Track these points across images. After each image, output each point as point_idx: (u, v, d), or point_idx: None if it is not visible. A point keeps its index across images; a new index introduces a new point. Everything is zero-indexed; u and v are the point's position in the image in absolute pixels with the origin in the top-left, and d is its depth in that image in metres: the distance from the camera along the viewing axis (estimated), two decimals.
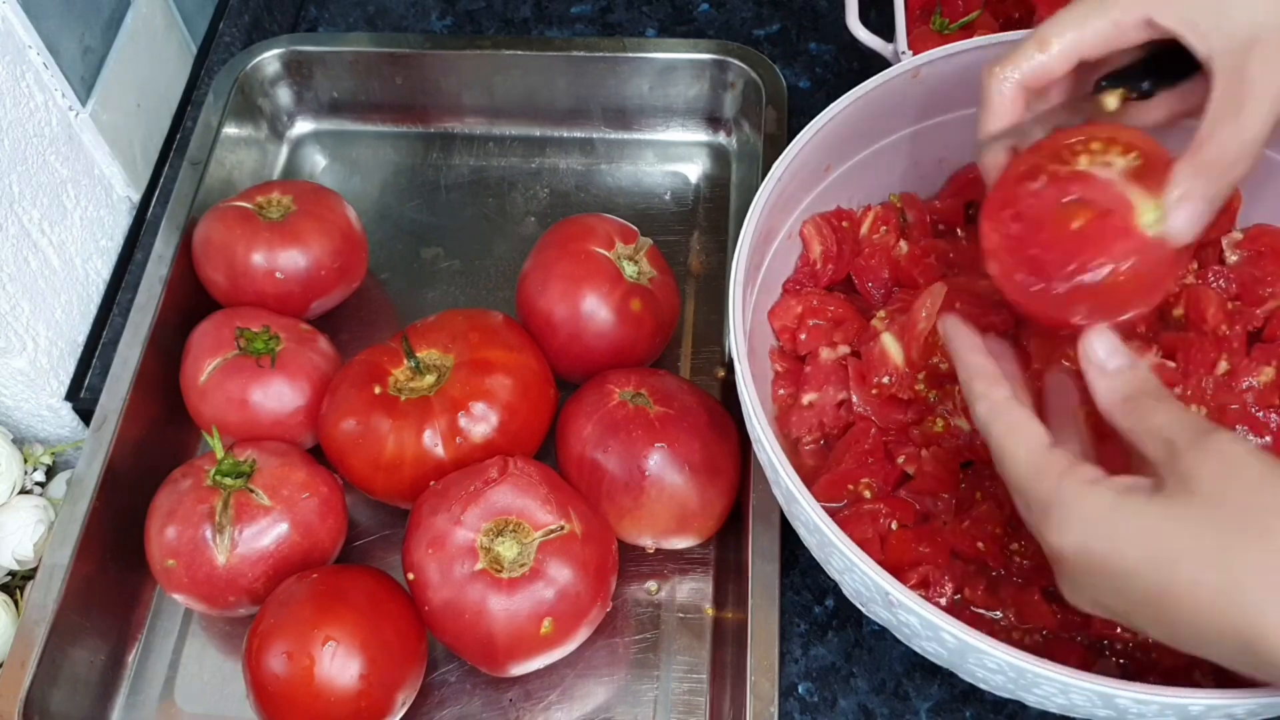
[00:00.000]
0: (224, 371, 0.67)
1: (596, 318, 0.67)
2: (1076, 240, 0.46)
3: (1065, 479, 0.43)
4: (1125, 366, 0.45)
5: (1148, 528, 0.40)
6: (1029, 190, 0.48)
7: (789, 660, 0.61)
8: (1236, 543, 0.38)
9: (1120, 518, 0.41)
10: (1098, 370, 0.46)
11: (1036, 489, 0.43)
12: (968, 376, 0.48)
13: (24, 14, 0.65)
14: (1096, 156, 0.48)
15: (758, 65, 0.80)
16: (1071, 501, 0.42)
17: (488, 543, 0.58)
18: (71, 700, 0.63)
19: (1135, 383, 0.45)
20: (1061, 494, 0.42)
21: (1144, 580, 0.40)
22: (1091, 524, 0.41)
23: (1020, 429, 0.45)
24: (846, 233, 0.65)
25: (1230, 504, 0.39)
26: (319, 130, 0.88)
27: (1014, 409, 0.46)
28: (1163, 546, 0.40)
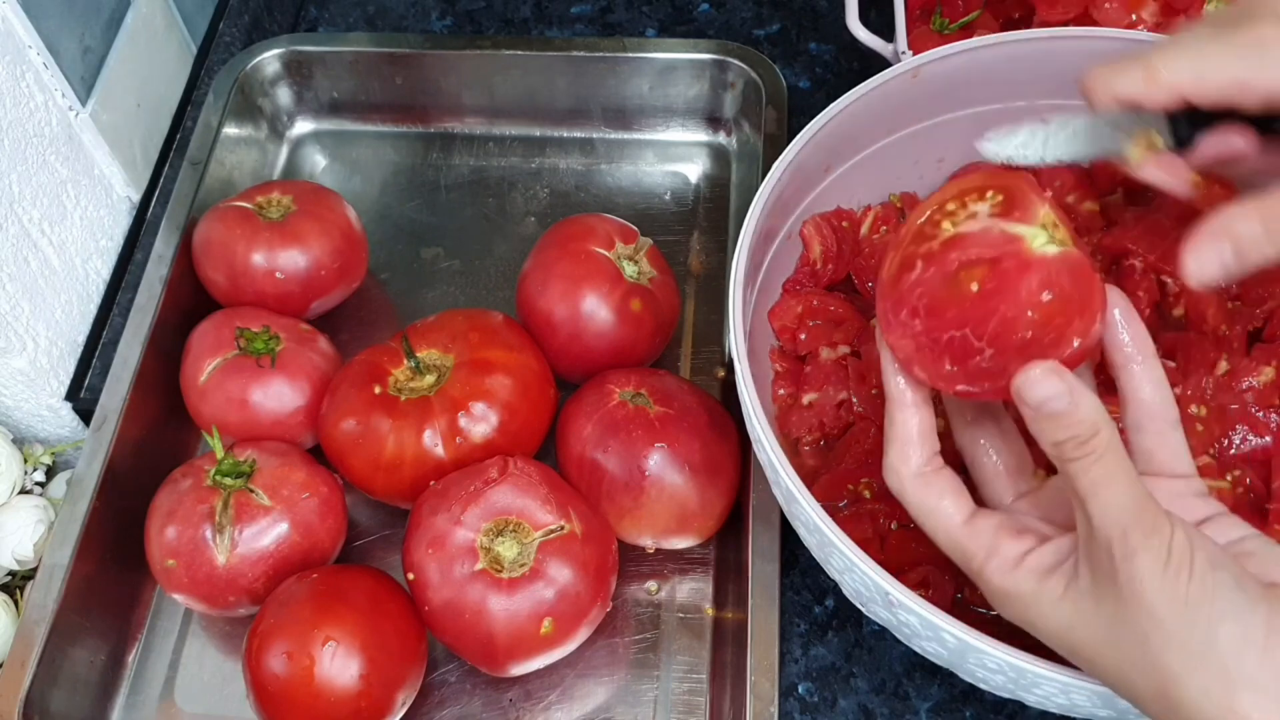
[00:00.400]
0: (224, 371, 0.67)
1: (596, 318, 0.67)
2: (983, 300, 0.42)
3: (986, 566, 0.43)
4: (1060, 411, 0.40)
5: (1062, 625, 0.41)
6: (911, 281, 0.44)
7: (789, 660, 0.61)
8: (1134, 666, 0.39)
9: (1038, 611, 0.42)
10: (1032, 413, 0.41)
11: (965, 569, 0.44)
12: (887, 435, 0.46)
13: (24, 14, 0.65)
14: (957, 216, 0.44)
15: (758, 65, 0.80)
16: (995, 590, 0.43)
17: (488, 543, 0.58)
18: (71, 700, 0.63)
19: (1069, 429, 0.40)
20: (985, 583, 0.43)
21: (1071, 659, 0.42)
22: (1016, 612, 0.43)
23: (931, 514, 0.44)
24: (846, 233, 0.65)
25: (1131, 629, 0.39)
26: (319, 130, 0.88)
27: (922, 489, 0.44)
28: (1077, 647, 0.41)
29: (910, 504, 0.45)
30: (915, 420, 0.45)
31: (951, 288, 0.43)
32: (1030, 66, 0.62)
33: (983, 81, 0.63)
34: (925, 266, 0.44)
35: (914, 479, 0.45)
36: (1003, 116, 0.66)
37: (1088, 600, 0.40)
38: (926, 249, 0.44)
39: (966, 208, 0.44)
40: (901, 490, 0.45)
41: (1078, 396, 0.40)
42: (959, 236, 0.43)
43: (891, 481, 0.45)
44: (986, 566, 0.43)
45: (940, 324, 0.43)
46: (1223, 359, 0.59)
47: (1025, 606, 0.42)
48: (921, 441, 0.45)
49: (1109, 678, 0.41)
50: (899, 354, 0.45)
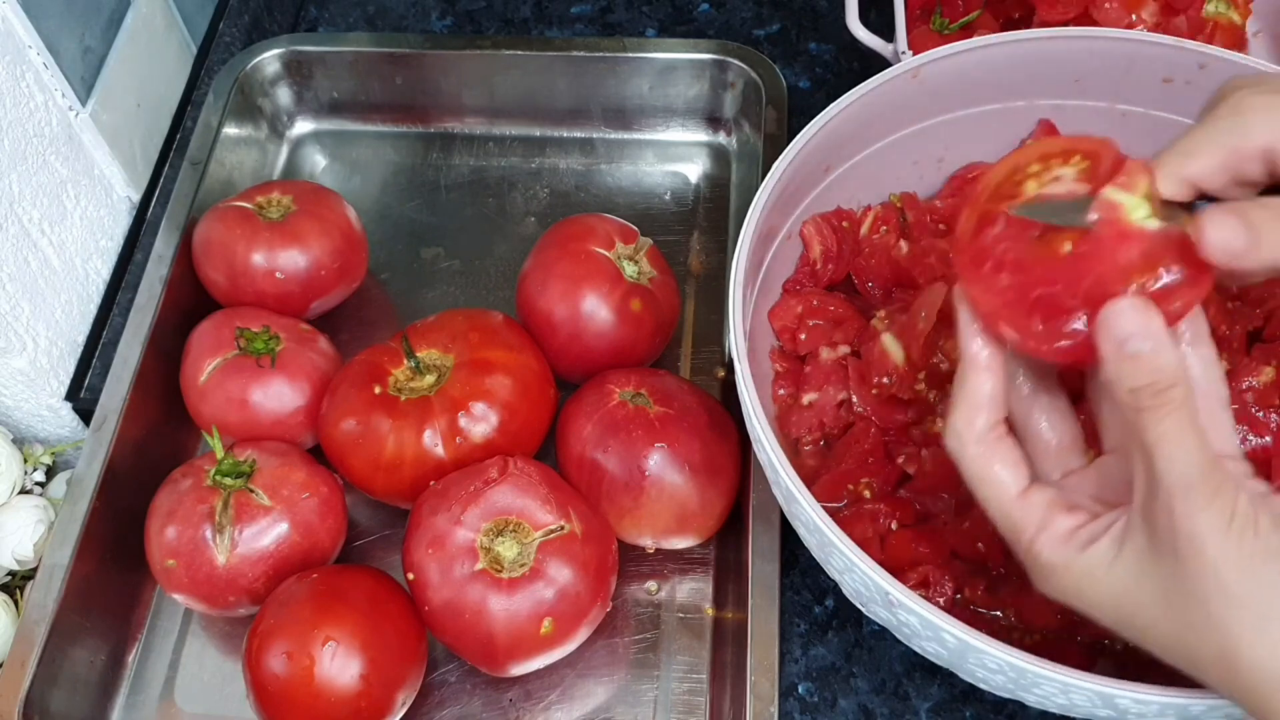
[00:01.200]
0: (224, 371, 0.67)
1: (596, 318, 0.67)
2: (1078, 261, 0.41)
3: (1037, 540, 0.42)
4: (1142, 353, 0.39)
5: (1114, 592, 0.40)
6: (995, 236, 0.43)
7: (789, 660, 0.61)
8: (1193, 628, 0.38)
9: (1089, 580, 0.41)
10: (1113, 349, 0.40)
11: (1012, 545, 0.44)
12: (955, 396, 0.45)
13: (24, 14, 0.65)
14: (1041, 177, 0.44)
15: (758, 65, 0.80)
16: (1044, 564, 0.42)
17: (488, 543, 0.58)
18: (71, 700, 0.63)
19: (1148, 374, 0.39)
20: (1035, 556, 0.43)
21: (1120, 632, 0.42)
22: (1065, 585, 0.42)
23: (986, 482, 0.44)
24: (846, 233, 0.65)
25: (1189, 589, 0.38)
26: (319, 130, 0.88)
27: (982, 456, 0.44)
28: (1130, 616, 0.40)
29: (967, 469, 0.44)
30: (989, 384, 0.44)
31: (1042, 247, 0.42)
32: (1030, 66, 0.63)
33: (983, 81, 0.63)
34: (1010, 224, 0.43)
35: (976, 443, 0.44)
36: (1003, 116, 0.66)
37: (1145, 561, 0.39)
38: (1009, 206, 0.44)
39: (1050, 170, 0.44)
40: (961, 453, 0.44)
41: (1160, 341, 0.39)
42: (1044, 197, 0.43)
43: (952, 444, 0.44)
44: (1038, 540, 0.42)
45: (1030, 280, 0.42)
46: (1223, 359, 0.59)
47: (1075, 578, 0.41)
48: (991, 406, 0.44)
49: (1165, 643, 0.40)
50: (981, 308, 0.44)
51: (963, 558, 0.57)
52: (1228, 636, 0.37)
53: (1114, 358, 0.40)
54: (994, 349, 0.44)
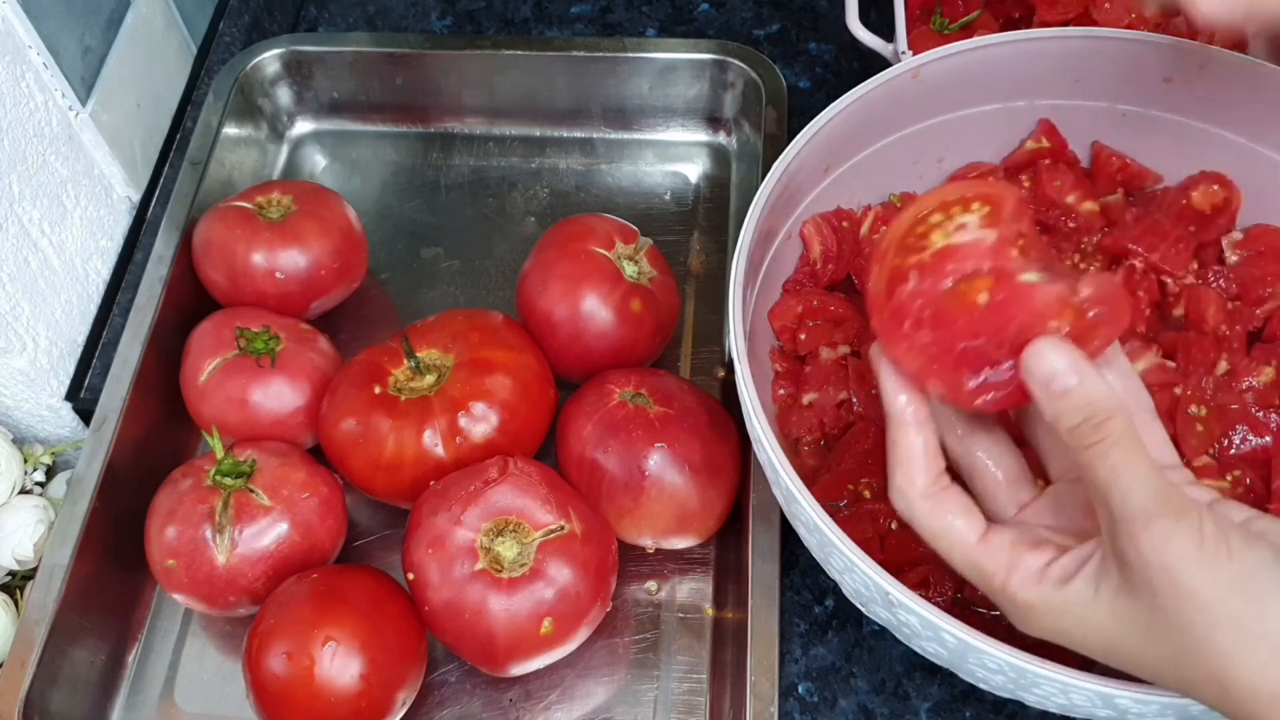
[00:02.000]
0: (224, 371, 0.67)
1: (596, 318, 0.67)
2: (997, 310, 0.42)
3: (1008, 586, 0.42)
4: (1070, 388, 0.39)
5: (1099, 629, 0.40)
6: (909, 293, 0.43)
7: (789, 660, 0.61)
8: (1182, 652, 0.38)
9: (1071, 619, 0.41)
10: (1042, 390, 0.40)
11: (986, 590, 0.43)
12: (892, 458, 0.45)
13: (24, 14, 0.65)
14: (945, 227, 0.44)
15: (758, 65, 0.80)
16: (1019, 608, 0.42)
17: (488, 543, 0.58)
18: (71, 700, 0.63)
19: (1083, 410, 0.39)
20: (1007, 600, 0.42)
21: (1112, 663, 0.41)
22: (1047, 625, 0.42)
23: (943, 535, 0.43)
24: (846, 233, 0.65)
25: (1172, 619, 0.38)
26: (319, 130, 0.88)
27: (933, 510, 0.43)
28: (1116, 650, 0.40)
29: (921, 527, 0.44)
30: (920, 439, 0.44)
31: (958, 299, 0.42)
32: (1030, 66, 0.63)
33: (983, 81, 0.63)
34: (922, 278, 0.43)
35: (923, 500, 0.43)
36: (1003, 116, 0.66)
37: (1123, 597, 0.39)
38: (918, 260, 0.43)
39: (953, 219, 0.43)
40: (910, 513, 0.44)
41: (1085, 375, 0.39)
42: (951, 248, 0.43)
43: (899, 504, 0.44)
44: (1010, 583, 0.42)
45: (952, 335, 0.42)
46: (1223, 359, 0.59)
47: (1056, 617, 0.41)
48: (928, 461, 0.44)
49: (1157, 671, 0.40)
50: (907, 367, 0.44)
51: None
52: (1215, 660, 0.37)
53: (1045, 398, 0.40)
54: (919, 403, 0.44)
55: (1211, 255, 0.64)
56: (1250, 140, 0.62)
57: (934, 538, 0.44)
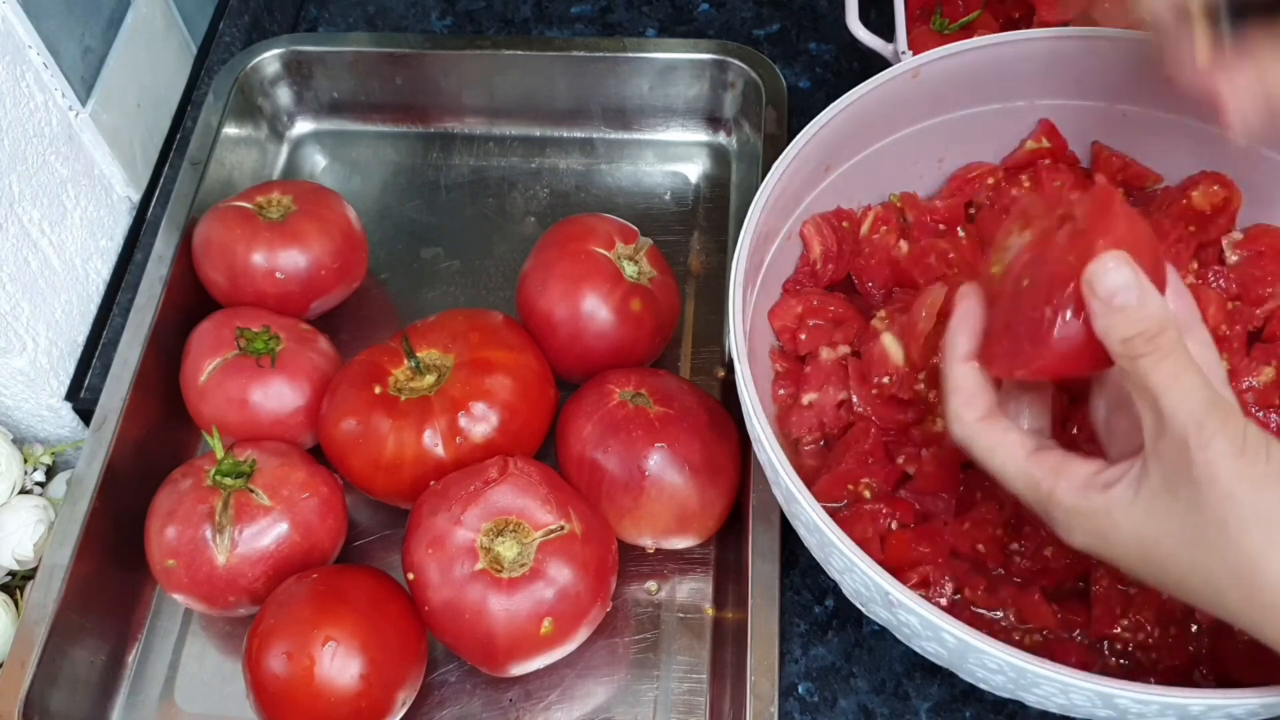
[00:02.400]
0: (224, 371, 0.67)
1: (596, 318, 0.67)
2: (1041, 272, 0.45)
3: (1055, 491, 0.44)
4: (1131, 304, 0.41)
5: (1135, 529, 0.42)
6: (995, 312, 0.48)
7: (789, 660, 0.61)
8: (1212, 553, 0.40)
9: (1110, 521, 0.42)
10: (1101, 305, 0.42)
11: (1032, 502, 0.45)
12: (947, 390, 0.48)
13: (24, 14, 0.65)
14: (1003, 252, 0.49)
15: (758, 65, 0.80)
16: (1065, 513, 0.44)
17: (488, 543, 0.58)
18: (71, 700, 0.63)
19: (1139, 323, 0.41)
20: (1053, 507, 0.44)
21: (1145, 571, 0.43)
22: (1087, 530, 0.44)
23: (999, 449, 0.46)
24: (846, 233, 0.65)
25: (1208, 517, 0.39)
26: (319, 130, 0.88)
27: (987, 429, 0.46)
28: (1151, 551, 0.42)
29: (977, 445, 0.46)
30: (973, 372, 0.47)
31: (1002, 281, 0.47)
32: (1030, 66, 0.63)
33: (983, 81, 0.63)
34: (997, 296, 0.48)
35: (980, 421, 0.46)
36: (1003, 116, 0.66)
37: (1161, 497, 0.41)
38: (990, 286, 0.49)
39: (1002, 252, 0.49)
40: (967, 434, 0.46)
41: (1144, 290, 0.41)
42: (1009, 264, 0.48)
43: (957, 429, 0.47)
44: (1057, 487, 0.44)
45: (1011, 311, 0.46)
46: (1223, 359, 0.59)
47: (1098, 519, 0.43)
48: (981, 391, 0.47)
49: (1185, 574, 0.41)
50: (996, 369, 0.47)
51: (963, 558, 0.57)
52: (1244, 556, 0.39)
53: (1103, 312, 0.42)
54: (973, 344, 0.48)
55: (1211, 255, 0.64)
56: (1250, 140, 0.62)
57: (989, 454, 0.46)
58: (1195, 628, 0.54)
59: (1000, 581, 0.56)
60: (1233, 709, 0.43)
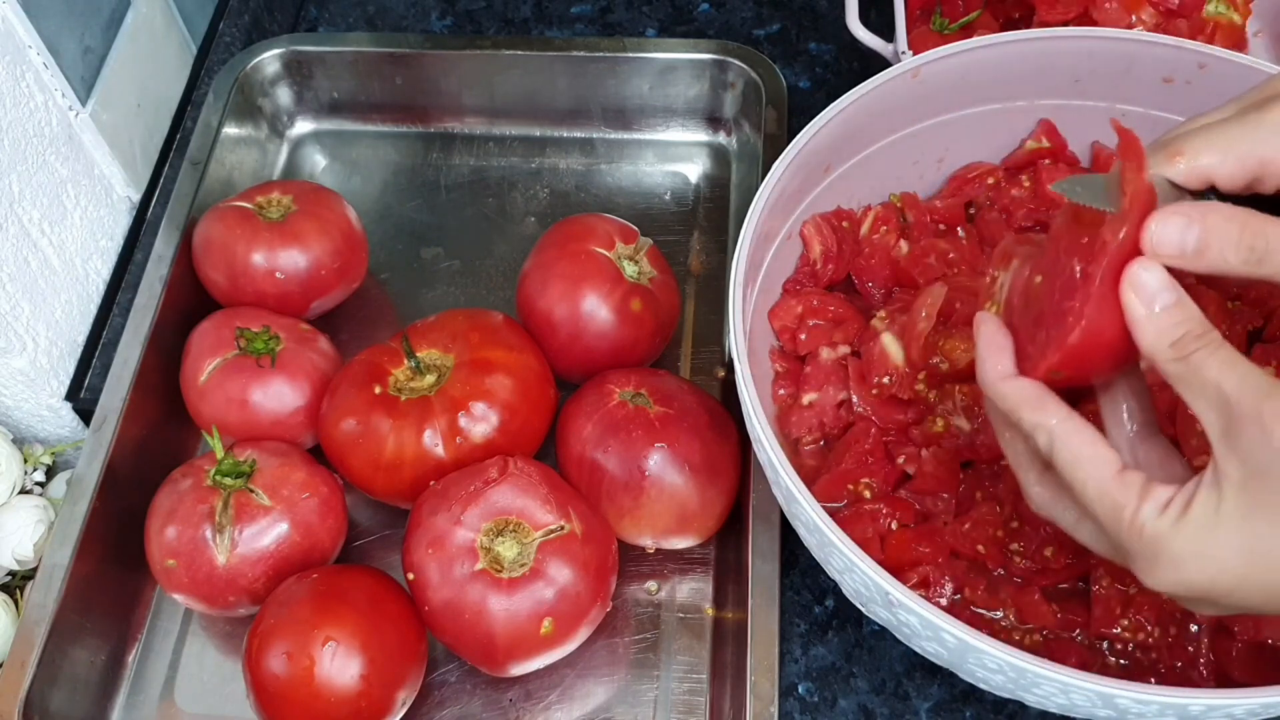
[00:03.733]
0: (224, 371, 0.67)
1: (596, 318, 0.67)
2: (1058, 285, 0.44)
3: (1139, 518, 0.41)
4: (1172, 304, 0.40)
5: (1233, 539, 0.39)
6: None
7: (789, 660, 0.61)
8: None
9: (1204, 541, 0.40)
10: (1143, 311, 0.40)
11: (1115, 532, 0.42)
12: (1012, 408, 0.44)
13: (24, 14, 0.65)
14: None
15: (758, 65, 0.80)
16: (1152, 545, 0.41)
17: (488, 543, 0.58)
18: (71, 700, 0.63)
19: (1184, 323, 0.40)
20: (1140, 539, 0.41)
21: (1253, 586, 0.40)
22: (1178, 561, 0.40)
23: (1085, 462, 0.42)
24: (846, 233, 0.65)
25: None
26: (319, 130, 0.88)
27: (1073, 437, 0.43)
28: (1255, 550, 0.39)
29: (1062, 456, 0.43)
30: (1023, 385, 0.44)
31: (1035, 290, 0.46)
32: (1030, 66, 0.63)
33: (983, 81, 0.63)
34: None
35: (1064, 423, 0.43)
36: (1003, 116, 0.66)
37: (1251, 485, 0.38)
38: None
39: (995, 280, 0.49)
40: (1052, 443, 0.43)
41: (1179, 290, 0.40)
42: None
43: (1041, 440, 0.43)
44: (1142, 510, 0.41)
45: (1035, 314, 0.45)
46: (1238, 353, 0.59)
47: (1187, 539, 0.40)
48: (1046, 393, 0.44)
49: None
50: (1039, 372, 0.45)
51: (963, 558, 0.57)
52: None
53: (1146, 319, 0.40)
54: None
55: None
56: None
57: (1072, 465, 0.43)
58: (1195, 628, 0.54)
59: (1000, 581, 0.56)
60: (1233, 709, 0.43)
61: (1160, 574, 0.41)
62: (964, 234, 0.67)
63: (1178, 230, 0.40)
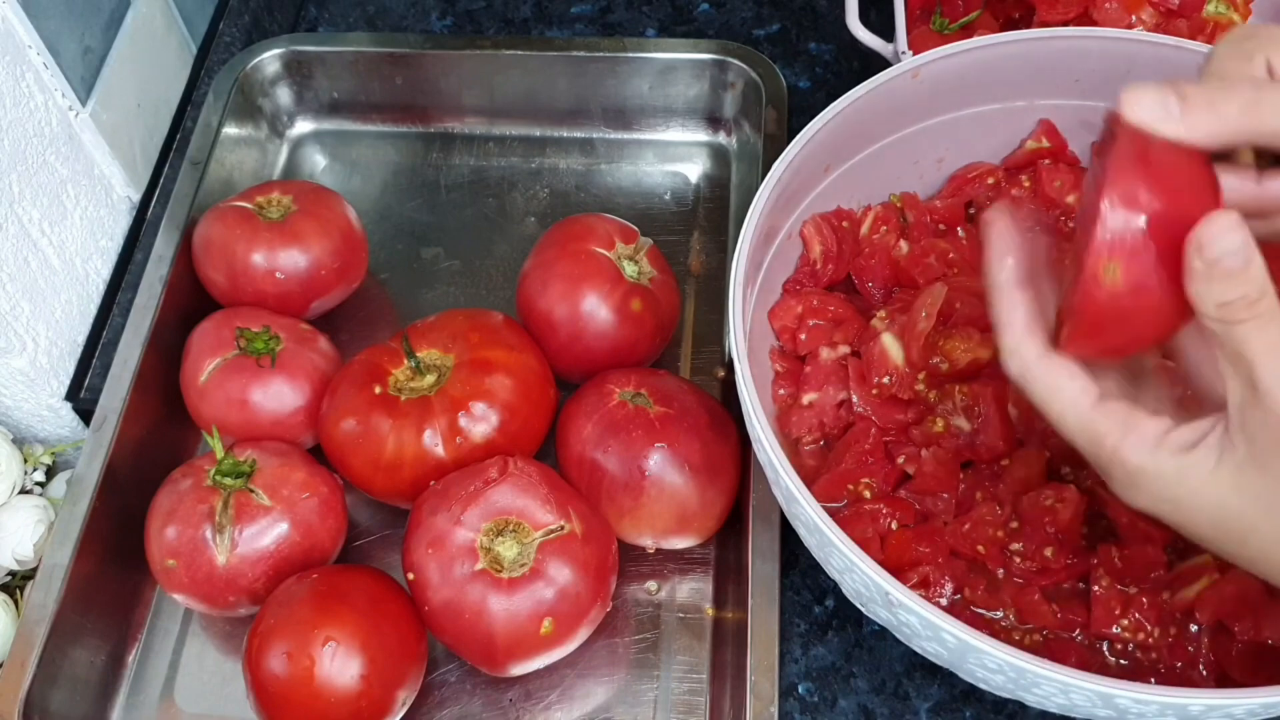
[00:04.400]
0: (224, 371, 0.67)
1: (596, 318, 0.67)
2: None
3: (1123, 444, 0.41)
4: (1236, 269, 0.37)
5: (1215, 500, 0.39)
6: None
7: (789, 660, 0.61)
8: None
9: (1186, 488, 0.40)
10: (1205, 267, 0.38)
11: (1094, 454, 0.42)
12: (998, 321, 0.43)
13: (24, 14, 0.65)
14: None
15: (758, 65, 0.80)
16: (1133, 470, 0.41)
17: (488, 543, 0.58)
18: (71, 700, 0.63)
19: (1240, 286, 0.37)
20: (1121, 462, 0.41)
21: (1216, 543, 0.41)
22: (1157, 492, 0.41)
23: (1061, 392, 0.42)
24: (846, 233, 0.65)
25: None
26: (319, 130, 0.88)
27: (1049, 368, 0.42)
28: (1230, 523, 0.40)
29: (1036, 385, 0.42)
30: (1024, 300, 0.43)
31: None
32: (1030, 66, 0.63)
33: (983, 81, 0.63)
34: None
35: (1040, 359, 0.42)
36: (1003, 116, 0.66)
37: (1246, 469, 0.38)
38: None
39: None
40: (1024, 371, 0.43)
41: (1253, 255, 0.38)
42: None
43: (1013, 366, 0.43)
44: (1124, 444, 0.40)
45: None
46: None
47: (1168, 484, 0.40)
48: (1035, 322, 0.43)
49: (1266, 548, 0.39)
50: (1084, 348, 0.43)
51: (963, 558, 0.57)
52: None
53: (1206, 275, 0.38)
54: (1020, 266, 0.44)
55: None
56: None
57: (1049, 396, 0.42)
58: (1195, 628, 0.54)
59: (1000, 581, 0.56)
60: (1233, 709, 0.43)
61: (1135, 496, 0.42)
62: (964, 234, 0.67)
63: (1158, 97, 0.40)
